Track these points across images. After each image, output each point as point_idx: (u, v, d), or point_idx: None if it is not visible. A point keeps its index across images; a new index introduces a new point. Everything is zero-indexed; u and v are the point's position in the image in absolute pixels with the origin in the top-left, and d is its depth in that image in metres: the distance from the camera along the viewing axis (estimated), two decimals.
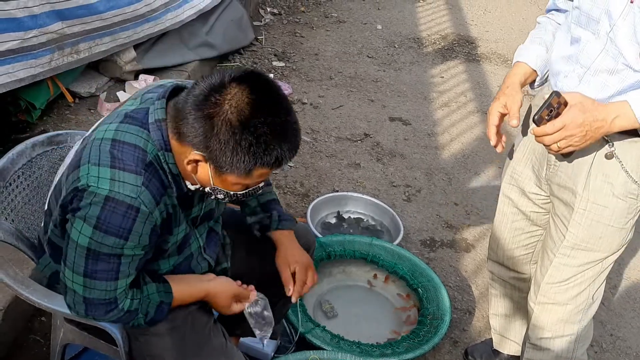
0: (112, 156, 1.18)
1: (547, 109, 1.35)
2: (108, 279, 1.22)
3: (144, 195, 1.18)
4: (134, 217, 1.17)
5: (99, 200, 1.15)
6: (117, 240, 1.17)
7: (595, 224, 1.50)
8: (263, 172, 1.20)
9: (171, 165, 1.24)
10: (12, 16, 2.28)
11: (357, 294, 2.38)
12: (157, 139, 1.22)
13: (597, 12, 1.37)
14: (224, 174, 1.19)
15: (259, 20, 4.93)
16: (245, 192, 1.28)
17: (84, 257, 1.19)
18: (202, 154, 1.17)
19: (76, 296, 1.24)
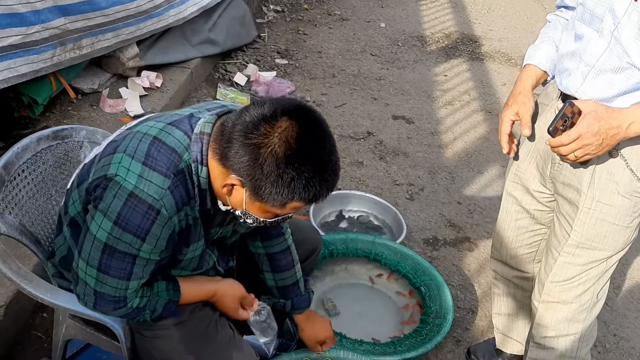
0: (147, 153, 1.19)
1: (562, 119, 1.35)
2: (121, 278, 1.23)
3: (166, 199, 1.18)
4: (154, 218, 1.17)
5: (122, 195, 1.16)
6: (135, 240, 1.18)
7: (600, 223, 1.49)
8: (297, 206, 1.20)
9: (202, 179, 1.23)
10: (15, 11, 2.27)
11: (360, 292, 2.37)
12: (196, 151, 1.22)
13: (601, 10, 1.36)
14: (259, 202, 1.19)
15: (262, 17, 4.92)
16: (274, 220, 1.28)
17: (100, 251, 1.19)
18: (241, 179, 1.17)
19: (87, 288, 1.25)
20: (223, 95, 3.68)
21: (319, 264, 2.31)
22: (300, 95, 3.91)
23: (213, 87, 3.76)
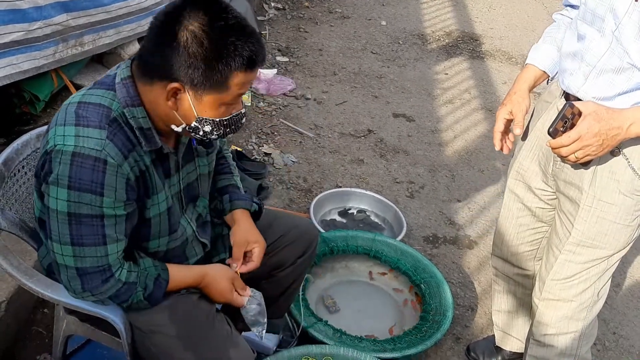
0: (76, 115, 1.20)
1: (562, 120, 1.35)
2: (96, 244, 1.21)
3: (109, 148, 1.19)
4: (103, 169, 1.18)
5: (66, 158, 1.16)
6: (94, 197, 1.17)
7: (601, 221, 1.50)
8: (239, 80, 1.21)
9: (141, 119, 1.25)
10: (17, 7, 2.27)
11: (360, 289, 2.38)
12: (123, 96, 1.24)
13: (602, 10, 1.36)
14: (204, 95, 1.21)
15: (263, 14, 4.92)
16: (230, 117, 1.28)
17: (66, 223, 1.18)
18: (177, 80, 1.19)
19: (69, 271, 1.23)
20: None
21: (319, 260, 2.32)
22: (301, 93, 3.91)
23: None
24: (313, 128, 3.55)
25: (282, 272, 1.67)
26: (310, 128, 3.54)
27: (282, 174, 3.08)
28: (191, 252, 1.48)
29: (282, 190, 2.97)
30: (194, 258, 1.50)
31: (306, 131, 3.48)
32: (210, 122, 1.26)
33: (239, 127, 1.34)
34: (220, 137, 1.32)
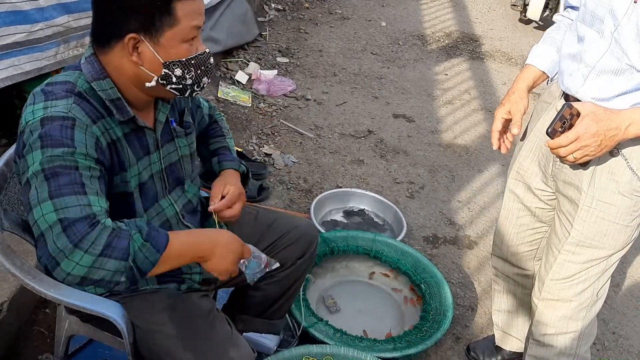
0: (44, 93, 1.23)
1: (560, 120, 1.36)
2: (76, 192, 1.15)
3: (75, 110, 1.21)
4: (72, 125, 1.19)
5: (36, 125, 1.18)
6: (65, 150, 1.17)
7: (600, 221, 1.50)
8: (185, 9, 1.23)
9: (110, 90, 1.27)
10: (19, 9, 2.28)
11: (360, 289, 2.39)
12: (89, 72, 1.27)
13: (602, 11, 1.37)
14: (160, 37, 1.23)
15: (264, 16, 4.93)
16: (196, 56, 1.29)
17: (43, 180, 1.14)
18: (131, 32, 1.21)
19: (54, 230, 1.10)
20: (224, 94, 3.69)
21: (320, 261, 2.33)
22: (301, 94, 3.92)
23: (214, 85, 3.77)
24: (313, 129, 3.56)
25: (283, 272, 1.68)
26: (310, 129, 3.55)
27: (283, 174, 3.09)
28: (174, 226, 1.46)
29: (283, 190, 2.98)
30: None
31: (306, 132, 3.49)
32: (178, 64, 1.27)
33: (209, 68, 1.34)
34: (194, 82, 1.32)
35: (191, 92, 1.34)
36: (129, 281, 1.16)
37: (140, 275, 1.16)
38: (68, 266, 1.09)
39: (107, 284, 1.14)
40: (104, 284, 1.13)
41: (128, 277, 1.14)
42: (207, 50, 1.33)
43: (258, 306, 1.73)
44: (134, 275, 1.15)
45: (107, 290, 1.36)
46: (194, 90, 1.34)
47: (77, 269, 1.09)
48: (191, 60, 1.29)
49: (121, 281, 1.14)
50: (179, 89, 1.31)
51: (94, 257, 1.10)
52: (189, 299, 1.43)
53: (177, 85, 1.30)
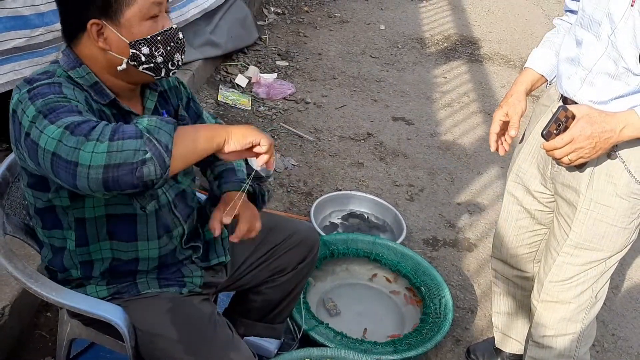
0: (27, 82, 1.23)
1: (555, 123, 1.37)
2: (72, 111, 1.15)
3: (59, 80, 1.23)
4: (59, 85, 1.21)
5: (24, 96, 1.18)
6: (56, 95, 1.18)
7: (598, 224, 1.51)
8: None
9: (87, 76, 1.29)
10: (19, 14, 2.29)
11: (360, 292, 2.39)
12: (65, 62, 1.29)
13: (599, 15, 1.38)
14: (120, 18, 1.24)
15: (263, 19, 4.94)
16: (162, 32, 1.29)
17: (42, 118, 1.13)
18: (91, 18, 1.24)
19: (63, 138, 1.08)
20: (224, 97, 3.70)
21: (320, 263, 2.33)
22: (301, 97, 3.93)
23: (214, 89, 3.78)
24: (313, 132, 3.57)
25: (284, 276, 1.68)
26: (310, 132, 3.56)
27: (283, 177, 3.10)
28: (170, 224, 1.44)
29: (283, 193, 2.98)
30: (173, 228, 1.44)
31: (306, 135, 3.50)
32: (144, 42, 1.27)
33: (179, 44, 1.34)
34: (166, 59, 1.31)
35: (166, 71, 1.33)
36: (159, 162, 1.08)
37: (165, 152, 1.09)
38: (85, 159, 1.05)
39: (136, 170, 1.06)
40: (134, 171, 1.06)
41: (154, 154, 1.08)
42: (174, 26, 1.33)
43: (259, 310, 1.74)
44: (159, 153, 1.08)
45: (144, 184, 1.10)
46: (169, 68, 1.34)
47: (95, 157, 1.05)
48: (157, 37, 1.29)
49: (148, 159, 1.07)
50: (152, 68, 1.31)
51: (107, 142, 1.06)
52: (190, 302, 1.43)
53: (148, 64, 1.30)
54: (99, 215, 1.33)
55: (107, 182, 1.07)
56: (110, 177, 1.06)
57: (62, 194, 1.29)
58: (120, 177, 1.07)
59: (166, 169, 1.10)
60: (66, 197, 1.29)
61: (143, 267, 1.43)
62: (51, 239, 1.37)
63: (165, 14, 1.33)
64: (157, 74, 1.33)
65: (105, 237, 1.36)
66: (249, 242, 1.57)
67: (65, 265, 1.38)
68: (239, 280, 1.68)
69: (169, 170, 1.11)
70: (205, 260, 1.56)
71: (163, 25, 1.30)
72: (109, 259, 1.38)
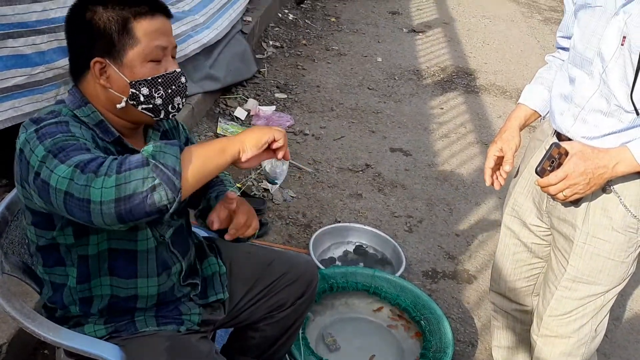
0: (33, 121, 1.24)
1: (549, 159, 1.39)
2: (80, 149, 1.16)
3: (67, 118, 1.25)
4: (66, 123, 1.23)
5: (32, 136, 1.19)
6: (65, 134, 1.19)
7: (595, 257, 1.52)
8: (144, 28, 1.27)
9: (92, 115, 1.32)
10: (20, 53, 2.33)
11: (360, 326, 2.37)
12: (71, 101, 1.32)
13: (591, 53, 1.41)
14: (123, 58, 1.27)
15: (262, 53, 5.01)
16: (164, 75, 1.31)
17: (52, 158, 1.14)
18: (95, 58, 1.27)
19: (74, 177, 1.10)
20: (224, 130, 3.73)
21: (319, 298, 2.32)
22: (300, 129, 3.96)
23: (214, 122, 3.82)
24: (312, 163, 3.59)
25: (282, 312, 1.68)
26: (308, 163, 3.58)
27: (282, 209, 3.11)
28: (169, 259, 1.44)
29: (282, 225, 2.99)
30: (171, 264, 1.44)
31: (305, 166, 3.52)
32: (144, 83, 1.29)
33: (181, 87, 1.35)
34: (165, 102, 1.32)
35: (166, 113, 1.35)
36: (169, 186, 1.08)
37: (174, 175, 1.09)
38: (96, 195, 1.07)
39: (147, 198, 1.07)
40: (145, 199, 1.07)
41: (163, 179, 1.08)
42: (178, 69, 1.35)
43: (257, 347, 1.73)
44: (168, 177, 1.08)
45: (158, 210, 1.10)
46: (168, 111, 1.35)
47: (105, 192, 1.06)
48: (158, 79, 1.31)
49: (157, 185, 1.07)
50: (151, 109, 1.32)
51: (115, 176, 1.07)
52: (188, 341, 1.43)
53: (147, 104, 1.31)
54: (102, 250, 1.34)
55: (121, 214, 1.08)
56: (123, 210, 1.08)
57: (67, 232, 1.30)
58: (133, 208, 1.08)
59: (177, 192, 1.10)
60: (71, 235, 1.30)
61: (141, 305, 1.42)
62: (52, 275, 1.37)
63: (172, 58, 1.35)
64: (156, 115, 1.35)
65: (106, 272, 1.36)
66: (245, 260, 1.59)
67: (65, 302, 1.38)
68: (237, 316, 1.67)
69: (180, 193, 1.11)
70: (204, 297, 1.56)
71: (166, 68, 1.33)
72: (108, 295, 1.38)
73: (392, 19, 6.45)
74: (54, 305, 1.41)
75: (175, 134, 1.56)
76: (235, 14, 4.39)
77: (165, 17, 1.33)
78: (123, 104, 1.31)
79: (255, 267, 1.68)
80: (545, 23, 7.03)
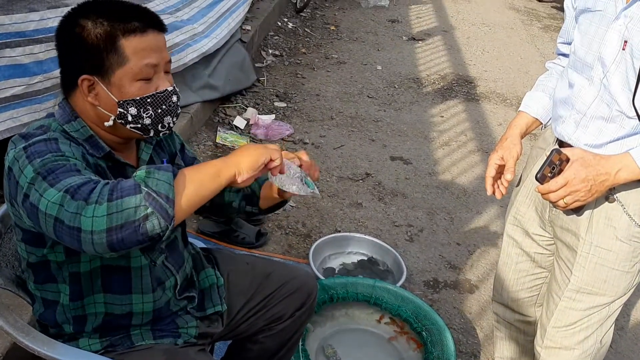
0: (22, 137, 1.22)
1: (549, 166, 1.37)
2: (70, 170, 1.13)
3: (57, 136, 1.22)
4: (55, 141, 1.20)
5: (20, 154, 1.16)
6: (55, 154, 1.16)
7: (599, 268, 1.49)
8: (133, 46, 1.23)
9: (81, 130, 1.28)
10: (19, 62, 2.32)
11: (361, 337, 2.34)
12: (60, 115, 1.28)
13: (591, 59, 1.40)
14: (111, 76, 1.23)
15: (261, 61, 5.01)
16: (154, 94, 1.27)
17: (41, 180, 1.11)
18: (83, 73, 1.24)
19: (64, 203, 1.07)
20: (223, 139, 3.72)
21: (319, 309, 2.29)
22: (299, 138, 3.94)
23: (213, 131, 3.80)
24: None
25: (281, 324, 1.65)
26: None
27: (281, 219, 3.08)
28: (163, 274, 1.41)
29: (281, 235, 2.96)
30: (165, 279, 1.41)
31: None
32: (132, 103, 1.25)
33: (172, 107, 1.30)
34: (155, 121, 1.29)
35: (155, 132, 1.31)
36: (162, 214, 1.07)
37: (167, 203, 1.07)
38: (87, 224, 1.05)
39: (139, 227, 1.05)
40: (137, 229, 1.05)
41: (155, 208, 1.06)
42: (170, 88, 1.30)
43: None
44: (160, 206, 1.07)
45: (150, 239, 1.09)
46: (158, 129, 1.31)
47: (96, 222, 1.04)
48: (147, 99, 1.27)
49: (149, 213, 1.06)
50: (140, 129, 1.29)
51: (106, 204, 1.05)
52: (186, 354, 1.40)
53: (135, 124, 1.28)
54: (94, 267, 1.31)
55: (113, 244, 1.06)
56: (115, 239, 1.06)
57: (58, 250, 1.27)
58: (125, 238, 1.06)
59: (170, 220, 1.08)
60: (62, 252, 1.27)
61: (137, 322, 1.40)
62: (43, 292, 1.35)
63: (165, 74, 1.31)
64: (145, 133, 1.31)
65: (100, 289, 1.33)
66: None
67: (58, 320, 1.35)
68: (235, 329, 1.64)
69: (174, 221, 1.09)
70: (201, 309, 1.53)
71: (157, 86, 1.28)
72: (102, 313, 1.35)
73: (392, 27, 6.45)
74: (46, 322, 1.38)
75: (170, 143, 1.53)
76: (235, 23, 4.38)
77: (157, 31, 1.28)
78: (111, 122, 1.28)
79: (254, 278, 1.65)
80: (545, 31, 7.04)
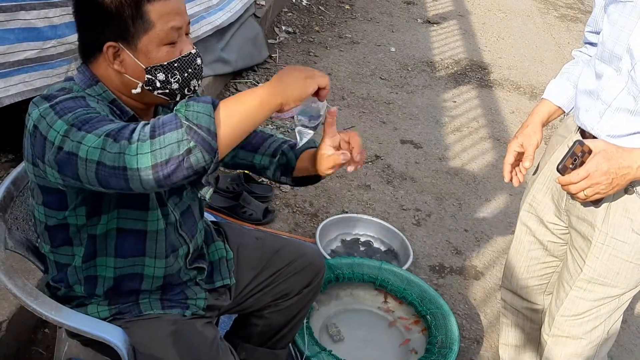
0: (44, 98, 1.20)
1: (571, 157, 1.35)
2: (105, 120, 1.13)
3: (82, 94, 1.21)
4: (83, 99, 1.19)
5: (47, 111, 1.14)
6: (84, 109, 1.15)
7: (613, 259, 1.47)
8: (158, 11, 1.21)
9: (104, 94, 1.27)
10: (32, 26, 2.29)
11: (364, 318, 2.35)
12: (81, 80, 1.27)
13: (620, 50, 1.37)
14: (137, 43, 1.21)
15: (274, 38, 4.96)
16: (180, 58, 1.26)
17: (76, 130, 1.10)
18: (108, 41, 1.21)
19: (106, 145, 1.07)
20: None
21: (324, 288, 2.29)
22: None
23: None
24: None
25: (288, 301, 1.65)
26: None
27: (289, 197, 3.07)
28: (176, 241, 1.41)
29: (288, 214, 2.95)
30: (179, 246, 1.42)
31: None
32: (160, 68, 1.24)
33: (197, 70, 1.30)
34: (182, 86, 1.28)
35: (182, 96, 1.31)
36: (205, 147, 1.06)
37: (209, 135, 1.06)
38: (132, 162, 1.05)
39: (184, 161, 1.05)
40: (181, 163, 1.05)
41: (198, 141, 1.05)
42: (193, 51, 1.29)
43: (261, 335, 1.70)
44: (203, 139, 1.05)
45: (195, 172, 1.09)
46: (184, 94, 1.31)
47: (141, 159, 1.05)
48: (174, 64, 1.26)
49: (192, 147, 1.05)
50: (167, 94, 1.28)
51: (149, 141, 1.05)
52: (193, 326, 1.40)
53: (163, 90, 1.27)
54: (110, 229, 1.31)
55: (160, 179, 1.07)
56: (161, 175, 1.06)
57: (79, 212, 1.26)
58: (171, 173, 1.06)
59: (214, 152, 1.08)
60: (83, 215, 1.27)
61: (146, 287, 1.39)
62: (57, 255, 1.34)
63: (186, 37, 1.29)
64: (172, 98, 1.31)
65: (113, 250, 1.33)
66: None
67: (70, 282, 1.36)
68: (242, 303, 1.64)
69: (218, 154, 1.09)
70: (210, 282, 1.53)
71: (182, 50, 1.27)
72: (113, 275, 1.35)
73: (407, 9, 6.36)
74: (59, 284, 1.38)
75: None
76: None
77: None
78: (138, 90, 1.26)
79: (263, 253, 1.65)
80: (561, 20, 6.93)
